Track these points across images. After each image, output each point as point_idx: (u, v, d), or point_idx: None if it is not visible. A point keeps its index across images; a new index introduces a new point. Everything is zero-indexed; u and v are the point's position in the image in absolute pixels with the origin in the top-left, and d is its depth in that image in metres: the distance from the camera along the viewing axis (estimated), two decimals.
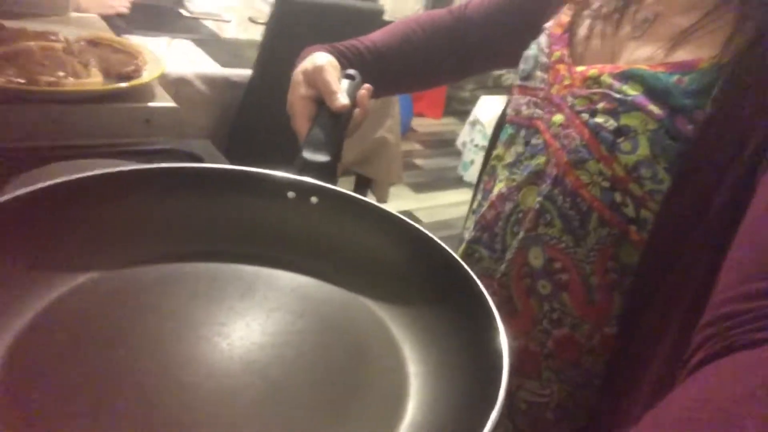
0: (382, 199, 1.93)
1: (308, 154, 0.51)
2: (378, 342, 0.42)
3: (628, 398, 0.50)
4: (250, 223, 0.48)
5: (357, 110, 0.60)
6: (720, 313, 0.33)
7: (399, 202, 2.63)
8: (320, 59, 0.61)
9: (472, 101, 3.26)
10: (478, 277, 0.62)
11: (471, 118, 3.09)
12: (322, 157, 0.51)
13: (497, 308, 0.58)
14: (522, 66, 0.63)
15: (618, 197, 0.50)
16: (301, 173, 0.50)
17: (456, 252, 0.68)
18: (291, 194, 0.49)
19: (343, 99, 0.57)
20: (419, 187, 2.92)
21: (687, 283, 0.46)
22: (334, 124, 0.55)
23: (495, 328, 0.36)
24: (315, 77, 0.59)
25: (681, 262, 0.47)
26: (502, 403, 0.31)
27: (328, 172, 0.51)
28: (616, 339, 0.52)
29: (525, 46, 0.64)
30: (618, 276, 0.52)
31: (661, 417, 0.27)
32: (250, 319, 0.41)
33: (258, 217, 0.48)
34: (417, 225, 0.46)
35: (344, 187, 0.51)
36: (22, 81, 0.65)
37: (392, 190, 1.98)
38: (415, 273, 0.45)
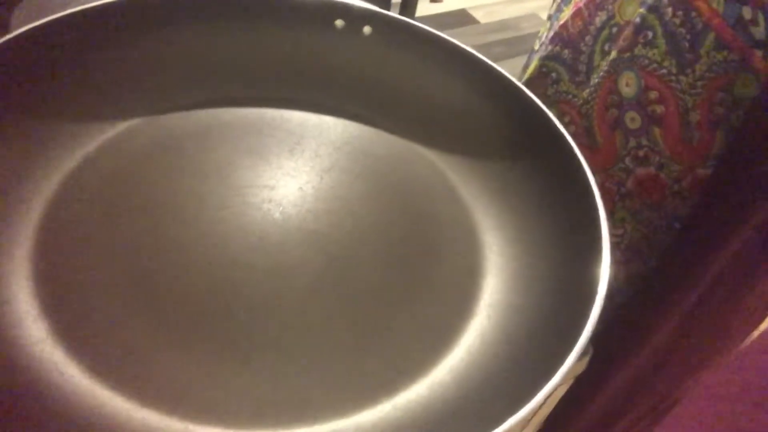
0: None
1: None
2: (446, 205, 0.37)
3: (708, 248, 0.46)
4: (293, 60, 0.41)
5: None
6: None
7: (452, 0, 2.38)
8: None
9: None
10: (555, 102, 0.55)
11: None
12: None
13: (574, 139, 0.52)
14: None
15: (747, 13, 0.40)
16: None
17: (525, 68, 0.59)
18: (339, 23, 0.40)
19: None
20: None
21: None
22: None
23: (591, 202, 0.30)
24: None
25: None
26: (603, 296, 0.26)
27: None
28: (710, 182, 0.46)
29: None
30: (726, 111, 0.44)
31: None
32: (303, 181, 0.36)
33: (302, 53, 0.41)
34: (495, 65, 0.38)
35: None
36: None
37: None
38: (489, 122, 0.38)
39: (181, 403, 0.26)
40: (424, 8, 2.02)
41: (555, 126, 0.34)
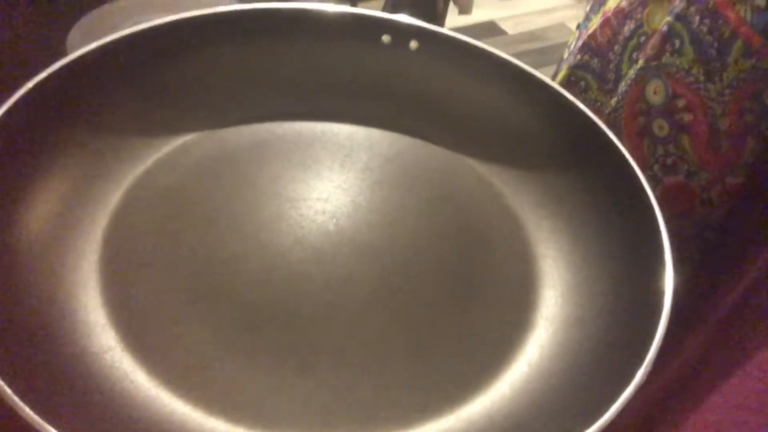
0: (466, 9, 1.74)
1: None
2: (497, 217, 0.37)
3: (740, 259, 0.45)
4: (342, 75, 0.41)
5: None
6: None
7: (481, 11, 2.38)
8: None
9: None
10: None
11: None
12: None
13: None
14: None
15: None
16: (395, 10, 0.41)
17: (554, 77, 0.59)
18: (386, 38, 0.41)
19: None
20: None
21: None
22: None
23: (649, 212, 0.30)
24: None
25: None
26: (670, 310, 0.26)
27: (427, 7, 0.42)
28: (741, 191, 0.45)
29: None
30: (756, 119, 0.43)
31: None
32: (355, 194, 0.36)
33: (350, 67, 0.41)
34: (544, 77, 0.38)
35: None
36: None
37: None
38: (539, 133, 0.39)
39: (246, 412, 0.26)
40: (452, 20, 2.02)
41: (607, 135, 0.34)
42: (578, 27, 0.57)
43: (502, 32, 2.36)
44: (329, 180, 0.37)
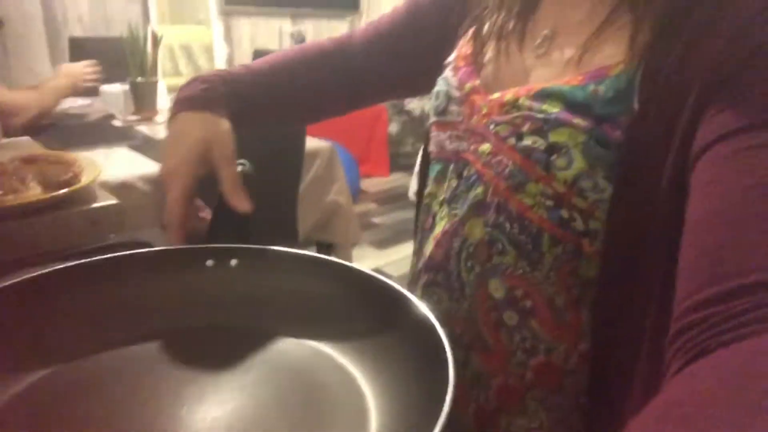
0: (347, 261, 1.94)
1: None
2: (330, 371, 0.43)
3: (618, 412, 0.49)
4: (179, 298, 0.49)
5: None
6: (680, 325, 0.33)
7: (365, 261, 2.64)
8: (224, 134, 0.59)
9: (416, 153, 3.35)
10: (442, 320, 0.60)
11: (416, 168, 3.17)
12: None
13: (468, 347, 0.56)
14: (434, 102, 0.63)
15: (565, 213, 0.49)
16: (214, 240, 0.52)
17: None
18: (210, 262, 0.50)
19: (247, 204, 0.56)
20: (382, 244, 2.94)
21: (651, 286, 0.45)
22: (233, 218, 0.55)
23: (432, 329, 0.38)
24: (218, 162, 0.57)
25: (640, 266, 0.46)
26: (452, 396, 0.32)
27: (239, 232, 0.53)
28: (592, 353, 0.51)
29: (418, 74, 0.68)
30: (581, 291, 0.51)
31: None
32: (203, 383, 0.41)
33: (186, 290, 0.49)
34: (337, 259, 0.48)
35: None
36: None
37: (356, 251, 1.98)
38: (345, 304, 0.47)
39: None
40: None
41: (410, 301, 0.42)
42: (415, 252, 0.67)
43: (388, 275, 2.57)
44: (176, 379, 0.42)
